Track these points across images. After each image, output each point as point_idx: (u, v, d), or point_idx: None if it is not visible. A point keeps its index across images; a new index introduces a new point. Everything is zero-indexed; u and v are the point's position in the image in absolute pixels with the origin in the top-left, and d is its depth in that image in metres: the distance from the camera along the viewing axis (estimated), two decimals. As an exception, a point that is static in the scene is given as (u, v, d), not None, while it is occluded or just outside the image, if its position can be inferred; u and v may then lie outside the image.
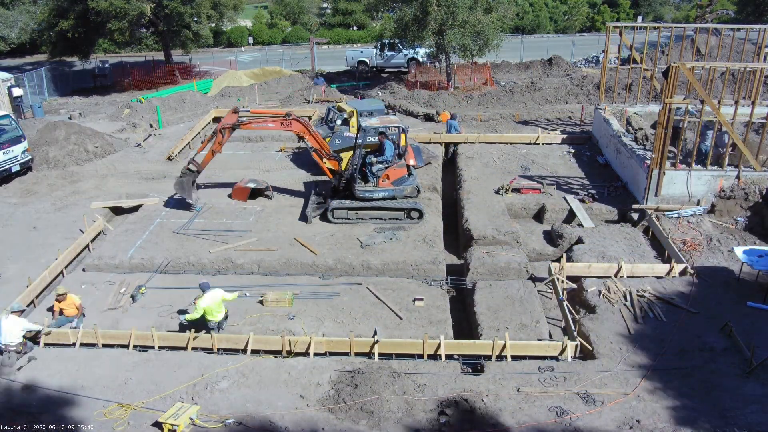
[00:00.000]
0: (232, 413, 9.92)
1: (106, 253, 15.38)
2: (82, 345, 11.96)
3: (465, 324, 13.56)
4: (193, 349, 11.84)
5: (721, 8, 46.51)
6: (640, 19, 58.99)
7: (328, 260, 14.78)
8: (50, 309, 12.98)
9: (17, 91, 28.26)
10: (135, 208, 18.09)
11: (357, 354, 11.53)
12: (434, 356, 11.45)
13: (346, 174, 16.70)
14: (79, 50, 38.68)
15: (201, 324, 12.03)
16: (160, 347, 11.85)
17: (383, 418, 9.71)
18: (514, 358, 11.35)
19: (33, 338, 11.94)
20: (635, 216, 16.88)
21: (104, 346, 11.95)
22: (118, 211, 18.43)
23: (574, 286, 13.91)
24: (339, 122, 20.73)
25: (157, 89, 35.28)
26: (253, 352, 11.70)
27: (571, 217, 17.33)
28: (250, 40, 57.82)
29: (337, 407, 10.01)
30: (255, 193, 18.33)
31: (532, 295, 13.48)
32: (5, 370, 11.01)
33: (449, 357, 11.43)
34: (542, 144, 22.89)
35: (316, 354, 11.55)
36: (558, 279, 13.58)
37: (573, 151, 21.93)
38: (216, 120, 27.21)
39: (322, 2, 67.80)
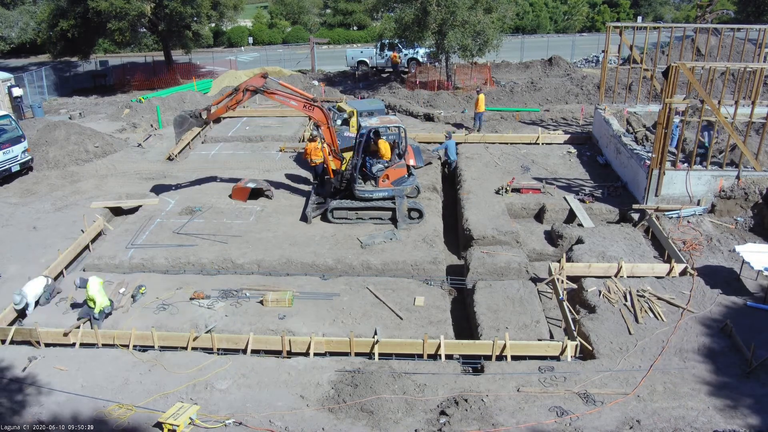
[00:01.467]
0: (232, 413, 9.93)
1: (106, 253, 15.39)
2: (82, 345, 11.99)
3: (465, 324, 13.56)
4: (193, 349, 11.86)
5: (721, 8, 46.48)
6: (640, 19, 59.00)
7: (328, 260, 14.78)
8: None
9: (17, 91, 28.28)
10: (135, 209, 18.09)
11: (357, 354, 11.54)
12: (434, 356, 11.46)
13: (346, 174, 16.70)
14: (79, 50, 38.69)
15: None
16: (160, 347, 11.88)
17: (383, 418, 9.71)
18: (514, 358, 11.36)
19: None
20: (635, 216, 16.87)
21: (104, 346, 11.97)
22: (118, 211, 18.44)
23: (574, 286, 13.91)
24: (339, 122, 20.74)
25: (158, 89, 35.26)
26: (253, 352, 11.71)
27: (571, 217, 17.33)
28: (250, 40, 57.79)
29: (337, 407, 10.01)
30: (255, 193, 18.32)
31: (532, 295, 13.47)
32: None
33: (449, 357, 11.44)
34: (542, 144, 22.89)
35: (316, 354, 11.56)
36: (558, 279, 13.58)
37: (573, 151, 21.93)
38: (216, 121, 27.16)
39: (322, 9, 67.69)
